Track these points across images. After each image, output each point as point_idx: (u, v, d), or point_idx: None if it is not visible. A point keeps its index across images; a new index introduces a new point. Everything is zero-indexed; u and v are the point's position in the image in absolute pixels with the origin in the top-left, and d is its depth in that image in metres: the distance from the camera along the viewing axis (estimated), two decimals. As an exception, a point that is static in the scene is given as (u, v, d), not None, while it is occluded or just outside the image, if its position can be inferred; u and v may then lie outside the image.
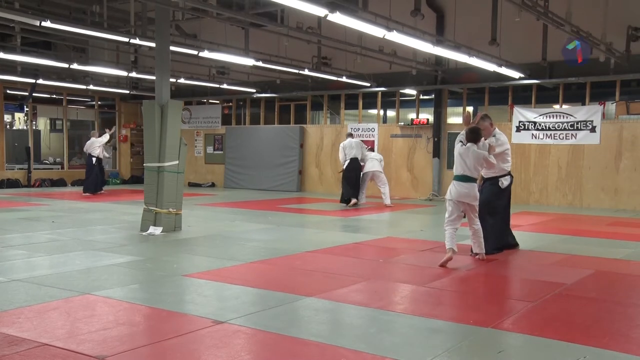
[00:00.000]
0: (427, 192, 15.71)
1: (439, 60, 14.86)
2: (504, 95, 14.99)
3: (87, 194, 15.45)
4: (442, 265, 6.42)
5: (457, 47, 11.58)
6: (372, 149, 14.68)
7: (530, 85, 14.34)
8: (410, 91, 16.39)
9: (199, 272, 5.97)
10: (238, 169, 18.83)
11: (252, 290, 5.24)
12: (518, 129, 14.56)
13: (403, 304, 5.03)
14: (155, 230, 8.47)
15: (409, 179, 16.08)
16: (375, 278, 5.89)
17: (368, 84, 15.89)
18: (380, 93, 16.66)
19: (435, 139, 15.64)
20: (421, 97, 16.42)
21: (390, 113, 18.12)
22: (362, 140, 14.28)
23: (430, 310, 4.69)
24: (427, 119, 15.85)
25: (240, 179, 18.76)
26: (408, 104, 17.16)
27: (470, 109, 17.04)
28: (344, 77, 15.22)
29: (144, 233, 8.47)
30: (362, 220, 10.99)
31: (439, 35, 13.64)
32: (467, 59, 11.47)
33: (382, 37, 9.24)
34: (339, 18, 8.10)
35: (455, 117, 16.78)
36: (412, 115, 16.52)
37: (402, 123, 16.53)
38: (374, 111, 17.77)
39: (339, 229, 9.84)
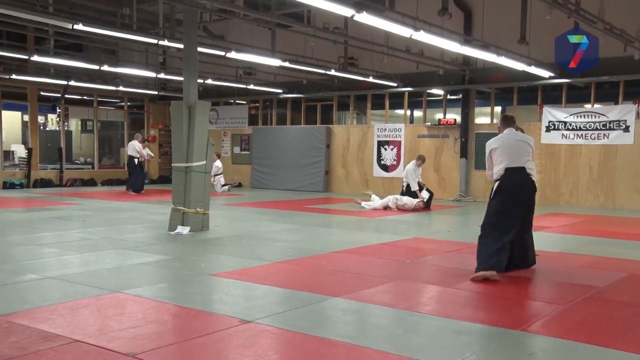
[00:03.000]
0: (454, 193, 15.57)
1: (466, 60, 14.71)
2: (533, 94, 14.78)
3: (131, 192, 15.80)
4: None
5: (485, 46, 11.46)
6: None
7: (561, 84, 14.10)
8: (438, 91, 16.26)
9: (226, 271, 6.01)
10: (265, 169, 18.92)
11: (278, 290, 5.26)
12: (547, 129, 14.33)
13: (430, 305, 4.99)
14: (183, 230, 8.55)
15: (436, 179, 15.94)
16: (401, 279, 5.86)
17: (395, 84, 15.82)
18: (407, 93, 16.57)
19: (463, 140, 15.50)
20: (448, 97, 16.28)
21: (417, 113, 18.01)
22: (388, 141, 14.19)
23: (458, 312, 4.64)
24: (455, 119, 15.71)
25: (266, 179, 18.84)
26: (435, 104, 17.03)
27: (498, 109, 16.87)
28: (371, 77, 15.18)
29: (172, 232, 8.57)
30: (388, 220, 10.95)
31: (467, 35, 13.52)
32: (495, 59, 11.34)
33: (409, 36, 9.19)
34: (365, 18, 8.08)
35: (483, 117, 16.61)
36: (439, 116, 16.39)
37: (429, 123, 16.41)
38: (400, 111, 17.68)
39: (365, 229, 9.82)
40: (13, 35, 15.67)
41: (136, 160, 16.17)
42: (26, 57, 14.28)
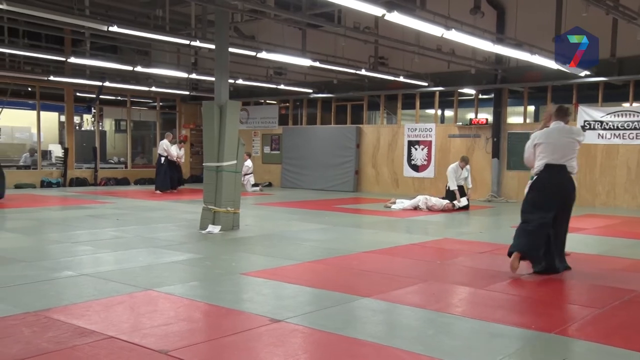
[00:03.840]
0: (486, 193, 15.37)
1: (499, 59, 14.51)
2: (568, 93, 14.48)
3: (158, 192, 15.99)
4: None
5: (518, 44, 11.28)
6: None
7: (597, 83, 13.79)
8: (469, 90, 16.08)
9: (257, 270, 6.04)
10: (295, 168, 18.98)
11: (308, 290, 5.27)
12: (583, 129, 14.02)
13: (461, 307, 4.93)
14: (214, 229, 8.63)
15: (468, 179, 15.75)
16: (432, 280, 5.81)
17: (425, 84, 15.70)
18: (437, 93, 16.42)
19: (495, 139, 15.29)
20: (480, 96, 16.08)
21: (448, 113, 17.84)
22: (419, 141, 14.07)
23: (490, 314, 4.57)
24: (486, 119, 15.51)
25: (296, 179, 18.90)
26: (466, 103, 16.84)
27: (531, 108, 16.59)
28: (401, 77, 15.09)
29: (203, 231, 8.65)
30: (418, 221, 10.87)
31: (500, 33, 13.33)
32: (529, 57, 11.16)
33: (440, 36, 9.11)
34: (396, 17, 8.04)
35: (515, 117, 16.37)
36: (470, 115, 16.21)
37: (460, 123, 16.24)
38: (431, 111, 17.54)
39: (395, 229, 9.76)
40: (51, 37, 16.04)
41: (162, 159, 16.34)
42: (63, 59, 14.61)
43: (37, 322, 4.09)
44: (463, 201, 12.63)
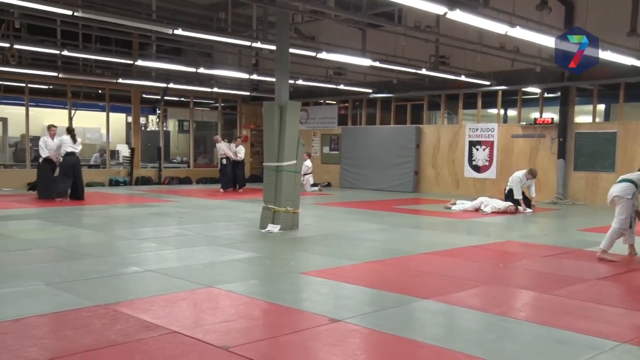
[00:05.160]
0: (550, 195, 14.87)
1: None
2: (641, 90, 13.83)
3: (222, 190, 16.39)
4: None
5: (587, 40, 10.83)
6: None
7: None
8: (534, 89, 15.60)
9: (315, 270, 6.07)
10: (353, 168, 18.97)
11: (367, 290, 5.25)
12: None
13: (525, 311, 4.79)
14: (274, 228, 8.73)
15: (531, 180, 15.29)
16: (494, 283, 5.68)
17: (488, 83, 15.35)
18: (500, 92, 16.02)
19: (561, 139, 14.77)
20: (545, 95, 15.58)
21: (511, 112, 17.37)
22: (480, 141, 13.76)
23: (556, 320, 4.42)
24: (552, 118, 15.00)
25: (355, 179, 18.88)
26: (530, 102, 16.34)
27: (601, 107, 15.94)
28: (463, 76, 14.81)
29: (262, 230, 8.76)
30: (479, 222, 10.64)
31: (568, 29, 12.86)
32: (599, 53, 10.69)
33: (504, 33, 8.88)
34: (458, 15, 7.90)
35: (583, 116, 15.77)
36: (535, 114, 15.73)
37: (524, 122, 15.78)
38: (493, 110, 17.13)
39: (455, 231, 9.59)
40: (120, 42, 16.69)
41: (224, 160, 16.71)
42: (131, 62, 15.17)
43: (107, 314, 4.26)
44: (527, 211, 12.23)
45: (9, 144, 18.96)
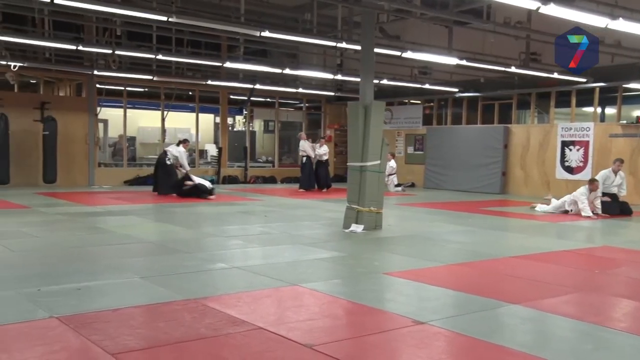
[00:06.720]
0: (653, 199, 13.94)
1: (675, 48, 13.04)
2: None
3: (301, 190, 16.59)
4: None
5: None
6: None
7: None
8: (637, 85, 14.64)
9: (399, 271, 6.01)
10: (438, 169, 18.63)
11: (452, 293, 5.13)
12: None
13: (626, 322, 4.51)
14: (357, 228, 8.72)
15: (632, 182, 14.38)
16: (589, 290, 5.39)
17: (584, 80, 14.58)
18: (598, 89, 15.17)
19: (665, 139, 13.81)
20: (649, 91, 14.60)
21: (609, 110, 16.41)
22: (574, 141, 13.07)
23: (658, 332, 4.13)
24: (656, 117, 14.05)
25: (440, 180, 18.54)
26: (632, 100, 15.37)
27: None
28: (555, 74, 14.15)
29: (346, 230, 8.77)
30: (572, 226, 10.14)
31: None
32: None
33: (604, 26, 8.38)
34: (553, 10, 7.56)
35: (690, 114, 14.64)
36: (636, 113, 14.77)
37: (625, 121, 14.86)
38: (589, 109, 16.25)
39: (546, 234, 9.19)
40: (209, 45, 17.30)
41: (304, 158, 16.86)
42: (220, 64, 15.68)
43: (196, 309, 4.42)
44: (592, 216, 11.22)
45: (109, 144, 20.11)
